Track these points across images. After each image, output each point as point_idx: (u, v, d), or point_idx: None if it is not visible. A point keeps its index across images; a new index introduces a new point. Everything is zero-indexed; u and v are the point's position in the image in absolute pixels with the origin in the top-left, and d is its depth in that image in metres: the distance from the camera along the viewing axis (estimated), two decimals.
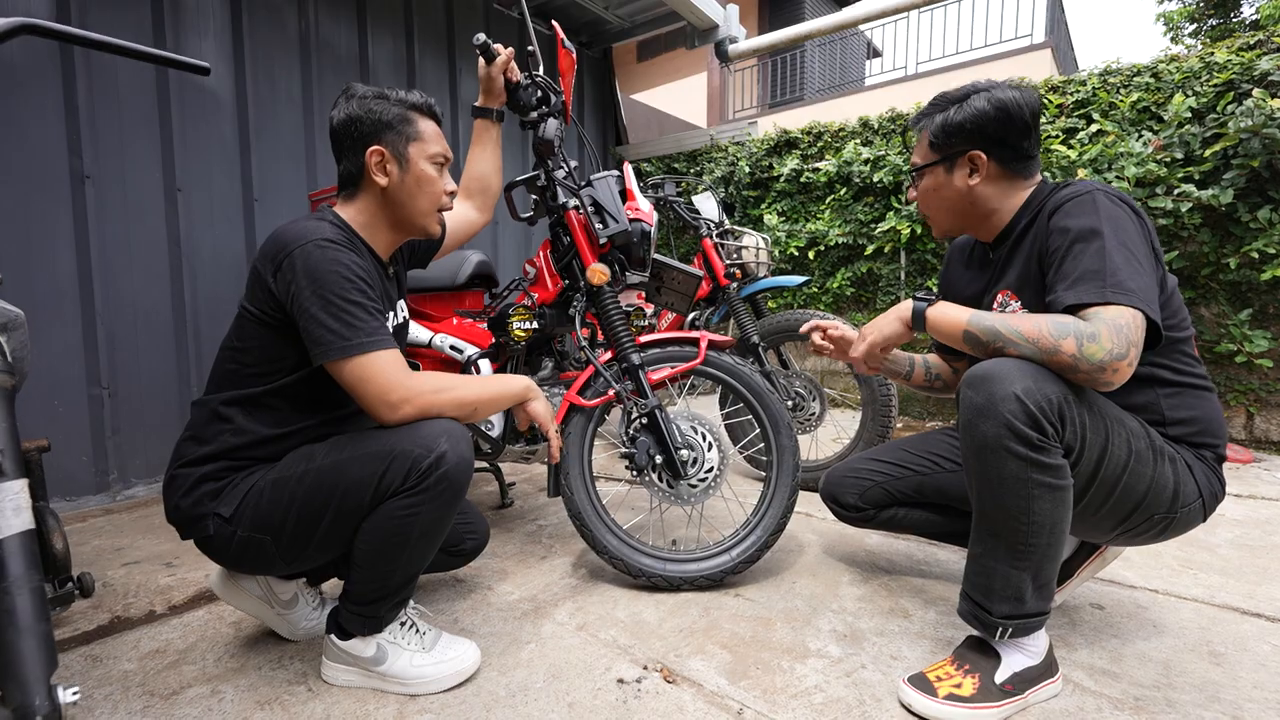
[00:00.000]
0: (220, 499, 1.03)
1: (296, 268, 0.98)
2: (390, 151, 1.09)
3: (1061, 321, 0.95)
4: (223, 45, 2.52)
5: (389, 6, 3.12)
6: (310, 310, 0.97)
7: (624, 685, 1.11)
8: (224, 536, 1.03)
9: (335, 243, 1.01)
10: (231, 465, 1.05)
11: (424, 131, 1.13)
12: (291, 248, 0.99)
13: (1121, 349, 0.91)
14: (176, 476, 1.05)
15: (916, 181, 1.22)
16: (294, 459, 1.04)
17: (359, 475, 0.99)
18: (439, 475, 0.99)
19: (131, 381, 2.30)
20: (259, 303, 1.03)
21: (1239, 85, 2.46)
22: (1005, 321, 1.00)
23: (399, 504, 0.99)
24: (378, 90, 1.11)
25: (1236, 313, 2.57)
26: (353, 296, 0.99)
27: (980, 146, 1.12)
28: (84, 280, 2.18)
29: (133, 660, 1.22)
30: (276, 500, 1.01)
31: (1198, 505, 1.07)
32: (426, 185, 1.13)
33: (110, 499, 2.26)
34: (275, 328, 1.04)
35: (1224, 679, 1.11)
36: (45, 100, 2.08)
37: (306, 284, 0.98)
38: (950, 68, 7.43)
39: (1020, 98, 1.09)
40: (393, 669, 1.09)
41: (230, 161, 2.55)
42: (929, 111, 1.18)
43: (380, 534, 1.01)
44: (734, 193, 3.95)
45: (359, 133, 1.09)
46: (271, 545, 1.03)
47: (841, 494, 1.41)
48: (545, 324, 1.68)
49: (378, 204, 1.13)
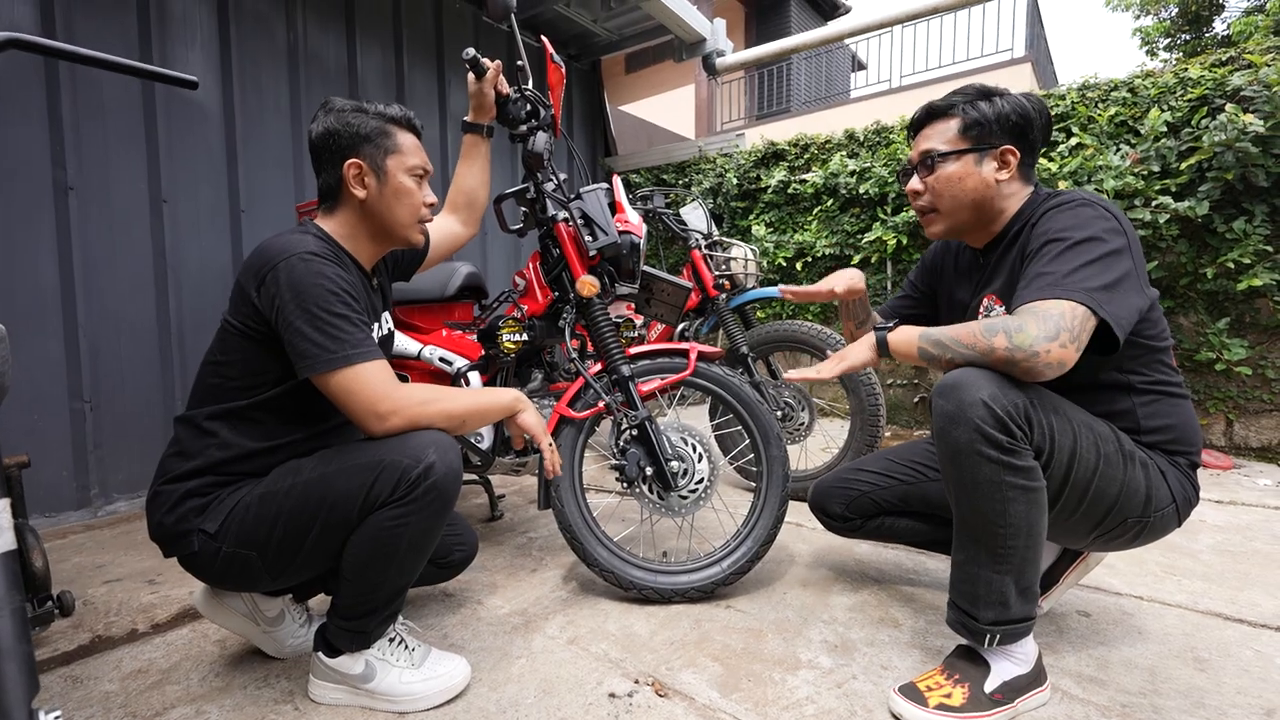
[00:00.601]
0: (205, 515, 1.02)
1: (280, 281, 0.98)
2: (368, 164, 1.09)
3: (990, 322, 0.99)
4: (210, 55, 2.51)
5: (378, 18, 3.13)
6: (295, 324, 0.97)
7: (615, 700, 1.10)
8: (209, 553, 1.02)
9: (319, 255, 1.01)
10: (217, 480, 1.04)
11: (402, 144, 1.12)
12: (275, 261, 0.99)
13: (1050, 333, 0.93)
14: (160, 493, 1.04)
15: (928, 170, 1.17)
16: (280, 473, 1.04)
17: (346, 487, 0.98)
18: (427, 486, 0.98)
19: (114, 395, 2.27)
20: (242, 316, 1.03)
21: (1212, 100, 2.53)
22: (946, 333, 1.04)
23: (387, 515, 0.99)
24: (356, 104, 1.11)
25: (1215, 321, 2.63)
26: (337, 309, 0.99)
27: (1015, 142, 1.13)
28: (66, 292, 2.15)
29: (114, 681, 1.20)
30: (263, 515, 1.00)
31: (1171, 510, 1.09)
32: (405, 197, 1.13)
33: (91, 514, 2.22)
34: (259, 341, 1.03)
35: (1208, 685, 1.12)
36: (29, 111, 2.06)
37: (291, 297, 0.97)
38: (933, 80, 7.57)
39: (1044, 102, 1.13)
40: (381, 686, 1.08)
41: (217, 172, 2.53)
42: (960, 99, 1.15)
43: (368, 546, 1.00)
44: (722, 204, 3.99)
45: (336, 146, 1.08)
46: (257, 560, 1.01)
47: (829, 504, 1.42)
48: (535, 336, 1.68)
49: (357, 216, 1.13)
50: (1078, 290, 0.95)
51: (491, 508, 2.14)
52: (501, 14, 1.41)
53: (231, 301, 1.06)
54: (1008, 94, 1.13)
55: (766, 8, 11.21)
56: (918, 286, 1.42)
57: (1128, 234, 1.03)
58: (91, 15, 2.20)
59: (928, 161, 1.18)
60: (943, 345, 1.04)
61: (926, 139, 1.19)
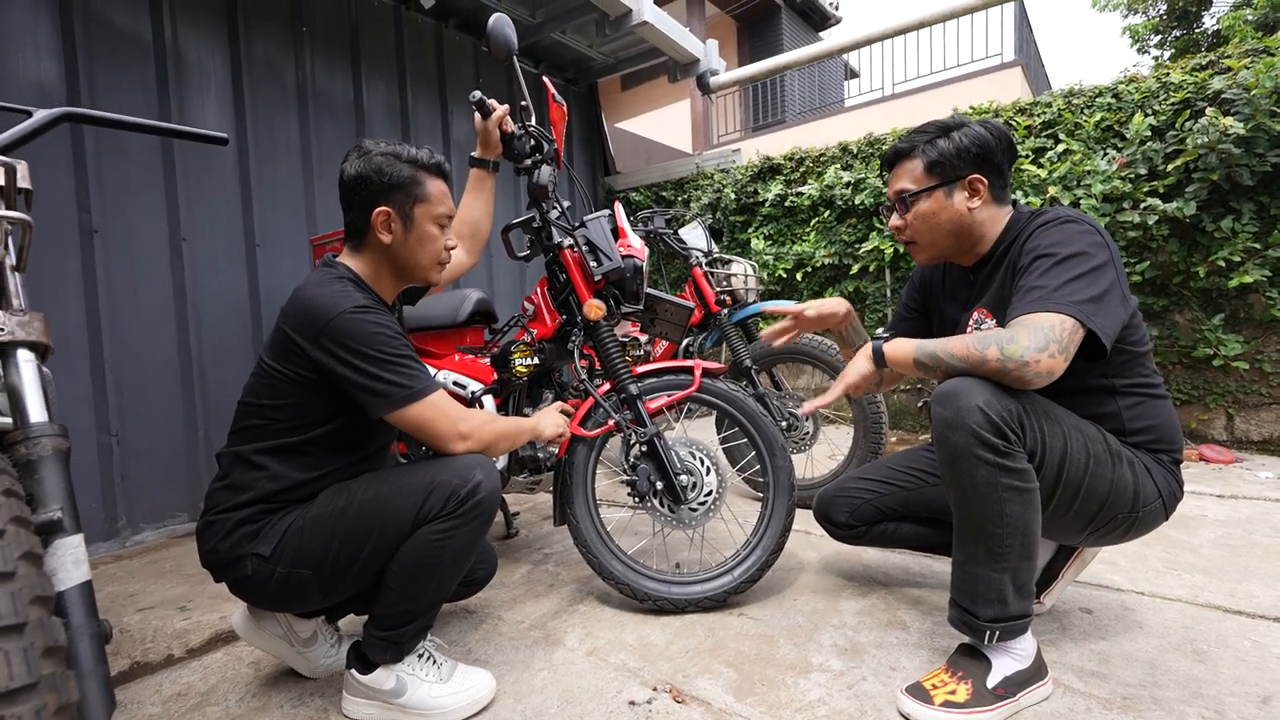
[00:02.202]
0: (258, 539, 1.09)
1: (340, 338, 1.05)
2: (396, 212, 1.16)
3: (983, 335, 1.05)
4: (224, 101, 2.61)
5: (381, 55, 3.24)
6: (366, 369, 1.06)
7: (635, 707, 1.15)
8: (262, 575, 1.08)
9: (368, 307, 1.09)
10: (267, 509, 1.11)
11: (431, 193, 1.19)
12: (329, 318, 1.06)
13: (1040, 344, 1.00)
14: (214, 522, 1.10)
15: (905, 207, 1.25)
16: (330, 495, 1.11)
17: (401, 505, 1.07)
18: (475, 502, 1.08)
19: (139, 428, 2.34)
20: (293, 365, 1.09)
21: (1194, 103, 2.59)
22: (941, 345, 1.10)
23: (435, 529, 1.07)
24: (390, 149, 1.16)
25: (1209, 318, 2.67)
26: (401, 350, 1.09)
27: (980, 170, 1.19)
28: (92, 330, 2.24)
29: (156, 704, 1.26)
30: (316, 536, 1.07)
31: (1158, 505, 1.15)
32: (429, 244, 1.21)
33: (120, 545, 2.29)
34: (310, 387, 1.11)
35: (1206, 675, 1.16)
36: (57, 159, 2.16)
37: (356, 348, 1.05)
38: (926, 88, 7.66)
39: (1005, 128, 1.20)
40: (412, 700, 1.14)
41: (232, 210, 2.62)
42: (920, 139, 1.22)
43: (415, 558, 1.08)
44: (721, 218, 4.07)
45: (367, 191, 1.15)
46: (311, 579, 1.08)
47: (833, 512, 1.47)
48: (545, 358, 1.74)
49: (382, 258, 1.20)
50: (1066, 304, 1.02)
51: (507, 525, 2.19)
52: (504, 55, 1.49)
53: (276, 349, 1.12)
54: (966, 126, 1.20)
55: (758, 22, 11.38)
56: (910, 306, 1.48)
57: (1110, 247, 1.10)
58: (112, 68, 2.30)
59: (903, 200, 1.25)
60: (937, 357, 1.10)
61: (898, 179, 1.26)
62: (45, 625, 0.52)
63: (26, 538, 0.57)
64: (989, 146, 1.18)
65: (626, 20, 3.52)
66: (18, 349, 0.75)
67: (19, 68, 2.11)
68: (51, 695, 0.49)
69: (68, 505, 0.70)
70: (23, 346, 0.76)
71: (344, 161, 1.18)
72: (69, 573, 0.66)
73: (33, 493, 0.69)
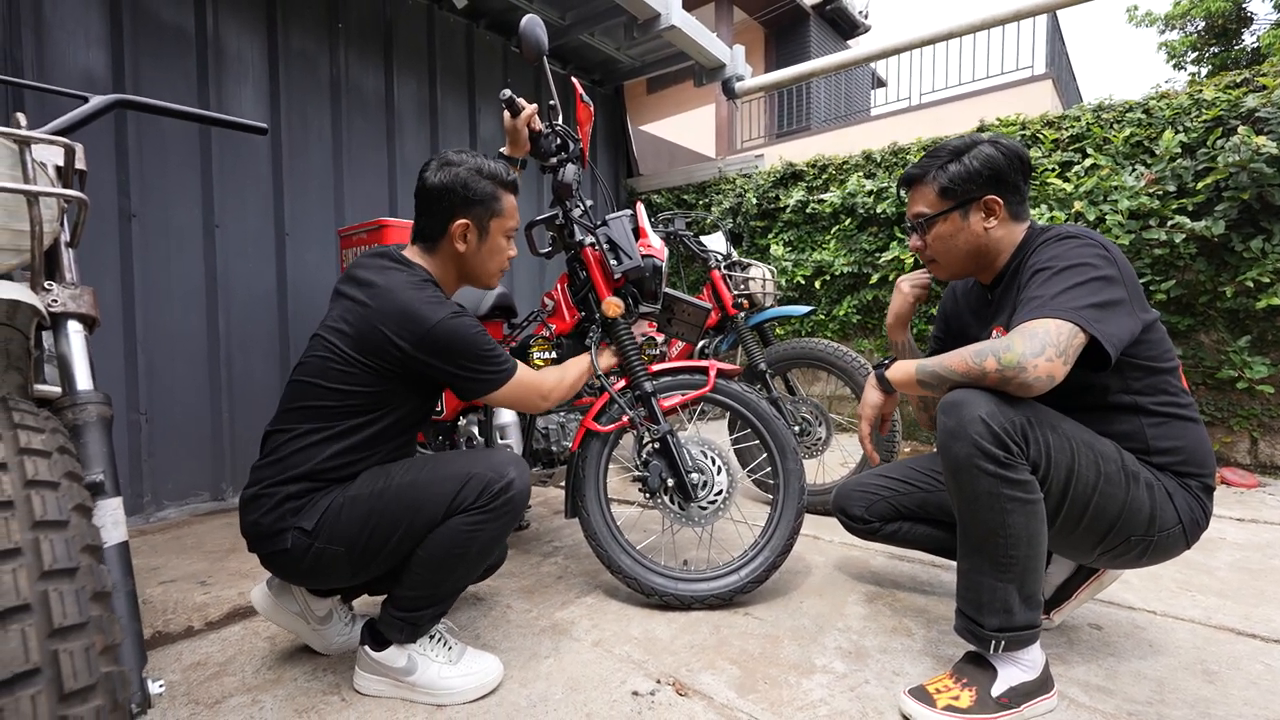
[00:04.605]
0: (301, 514, 1.13)
1: (446, 342, 1.16)
2: (474, 224, 1.25)
3: (979, 347, 1.06)
4: (260, 91, 2.69)
5: (413, 52, 3.31)
6: (470, 366, 1.19)
7: (638, 697, 1.17)
8: (300, 549, 1.12)
9: (460, 311, 1.19)
10: (313, 486, 1.14)
11: (506, 208, 1.29)
12: (431, 323, 1.14)
13: (1036, 348, 1.00)
14: (261, 496, 1.13)
15: (924, 230, 1.27)
16: (370, 477, 1.15)
17: (437, 493, 1.12)
18: (507, 498, 1.13)
19: (167, 408, 2.42)
20: (385, 361, 1.15)
21: (1227, 121, 2.55)
22: (940, 361, 1.11)
23: (466, 520, 1.11)
24: (474, 163, 1.24)
25: (1235, 339, 2.63)
26: (491, 343, 1.22)
27: (994, 191, 1.20)
28: (127, 312, 2.31)
29: (176, 671, 1.30)
30: (354, 515, 1.11)
31: (1177, 531, 1.12)
32: (498, 255, 1.31)
33: (144, 520, 2.36)
34: (394, 378, 1.18)
35: (1215, 696, 1.15)
36: (100, 145, 2.24)
37: (462, 349, 1.17)
38: (954, 98, 7.60)
39: (1018, 144, 1.20)
40: (422, 679, 1.17)
41: (264, 199, 2.70)
42: (933, 163, 1.24)
43: (444, 545, 1.12)
44: (742, 223, 4.08)
45: (449, 203, 1.23)
46: (345, 556, 1.12)
47: (850, 506, 1.47)
48: (563, 353, 1.77)
49: (451, 263, 1.29)
50: (1064, 309, 1.02)
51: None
52: (535, 55, 1.52)
53: (364, 343, 1.15)
54: (977, 147, 1.20)
55: (786, 29, 11.37)
56: (940, 338, 1.48)
57: (1117, 262, 1.09)
58: (157, 56, 2.38)
59: (920, 223, 1.27)
60: (938, 375, 1.12)
61: (915, 202, 1.28)
62: (94, 571, 0.56)
63: (79, 491, 0.61)
64: (1000, 167, 1.18)
65: (655, 24, 3.55)
66: (69, 320, 0.80)
67: (70, 56, 2.19)
68: (99, 635, 0.52)
69: (109, 469, 0.74)
70: (73, 318, 0.80)
71: (425, 169, 1.25)
72: (109, 533, 0.69)
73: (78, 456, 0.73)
